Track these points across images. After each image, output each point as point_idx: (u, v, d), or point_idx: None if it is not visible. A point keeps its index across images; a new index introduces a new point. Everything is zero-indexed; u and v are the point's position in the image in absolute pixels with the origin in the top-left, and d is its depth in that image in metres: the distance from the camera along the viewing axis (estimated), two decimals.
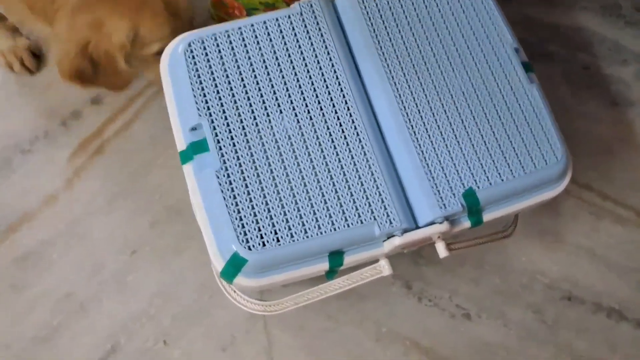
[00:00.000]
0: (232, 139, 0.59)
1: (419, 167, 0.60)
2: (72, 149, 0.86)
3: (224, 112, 0.61)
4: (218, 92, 0.61)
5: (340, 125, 0.61)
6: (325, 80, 0.63)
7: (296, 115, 0.61)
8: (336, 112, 0.62)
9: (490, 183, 0.61)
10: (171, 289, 0.80)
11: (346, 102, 0.62)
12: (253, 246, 0.55)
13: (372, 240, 0.58)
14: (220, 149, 0.59)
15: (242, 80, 0.62)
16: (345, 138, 0.60)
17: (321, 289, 0.63)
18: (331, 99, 0.62)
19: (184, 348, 0.78)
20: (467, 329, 0.82)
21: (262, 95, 0.62)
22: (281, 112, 0.61)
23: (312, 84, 0.63)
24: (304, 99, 0.62)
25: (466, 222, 0.61)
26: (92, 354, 0.77)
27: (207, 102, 0.61)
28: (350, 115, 0.61)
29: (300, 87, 0.62)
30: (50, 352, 0.76)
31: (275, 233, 0.56)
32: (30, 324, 0.77)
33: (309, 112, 0.61)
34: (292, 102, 0.62)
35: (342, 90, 0.62)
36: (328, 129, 0.61)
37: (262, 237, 0.56)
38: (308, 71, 0.63)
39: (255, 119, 0.61)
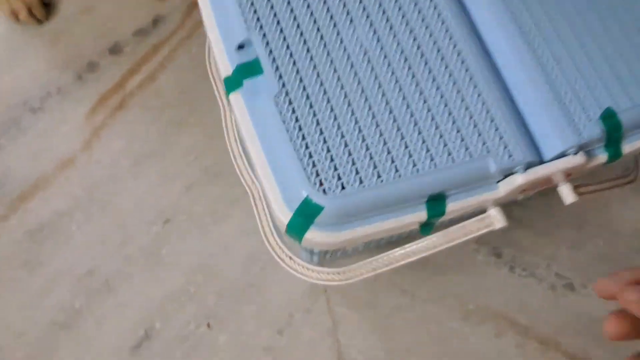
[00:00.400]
0: (291, 56, 0.45)
1: (540, 84, 0.45)
2: (90, 105, 0.73)
3: (278, 23, 0.47)
4: None
5: (431, 35, 0.47)
6: None
7: (371, 24, 0.47)
8: (423, 20, 0.47)
9: (633, 102, 0.46)
10: (214, 262, 0.67)
11: (435, 7, 0.48)
12: (329, 189, 0.41)
13: (484, 179, 0.44)
14: (277, 68, 0.45)
15: None
16: (438, 51, 0.46)
17: (410, 250, 0.48)
18: (415, 3, 0.48)
19: (232, 331, 0.65)
20: (570, 303, 0.68)
21: (325, 1, 0.47)
22: (351, 21, 0.47)
23: None
24: (379, 4, 0.48)
25: (602, 154, 0.46)
26: (123, 340, 0.64)
27: (256, 11, 0.47)
28: (443, 23, 0.47)
29: None
30: (71, 339, 0.64)
31: (357, 172, 0.42)
32: (47, 307, 0.65)
33: (387, 20, 0.47)
34: (364, 9, 0.47)
35: None
36: (415, 40, 0.46)
37: (339, 178, 0.42)
38: None
39: (318, 30, 0.46)
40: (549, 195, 0.74)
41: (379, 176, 0.42)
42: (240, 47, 0.47)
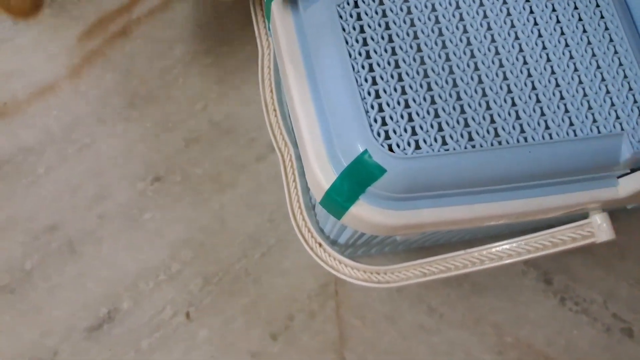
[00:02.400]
0: None
1: None
2: (86, 26, 0.60)
3: None
4: None
5: None
6: None
7: None
8: None
9: None
10: (206, 238, 0.54)
11: None
12: (398, 145, 0.29)
13: (606, 168, 0.31)
14: None
15: None
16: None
17: (478, 255, 0.36)
18: None
19: (216, 327, 0.52)
20: (626, 350, 0.56)
21: None
22: None
23: None
24: None
25: None
26: (78, 318, 0.51)
27: None
28: None
29: None
30: (12, 307, 0.50)
31: (440, 128, 0.30)
32: None
33: None
34: None
35: None
36: None
37: (414, 133, 0.29)
38: None
39: None
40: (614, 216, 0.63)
41: (470, 139, 0.30)
42: None
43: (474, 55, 0.31)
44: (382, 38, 0.31)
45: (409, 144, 0.29)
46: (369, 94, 0.30)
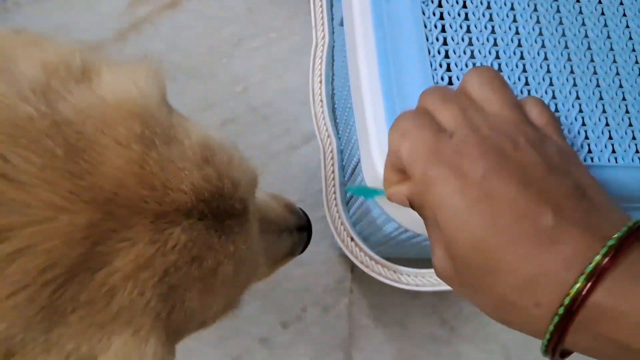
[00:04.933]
0: None
1: None
2: None
3: None
4: None
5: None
6: None
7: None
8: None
9: None
10: None
11: None
12: None
13: None
14: None
15: None
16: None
17: None
18: None
19: None
20: None
21: None
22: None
23: None
24: None
25: None
26: None
27: None
28: None
29: None
30: None
31: None
32: None
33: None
34: None
35: None
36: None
37: None
38: None
39: None
40: None
41: None
42: None
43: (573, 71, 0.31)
44: (464, 39, 0.31)
45: None
46: (442, 79, 0.30)
